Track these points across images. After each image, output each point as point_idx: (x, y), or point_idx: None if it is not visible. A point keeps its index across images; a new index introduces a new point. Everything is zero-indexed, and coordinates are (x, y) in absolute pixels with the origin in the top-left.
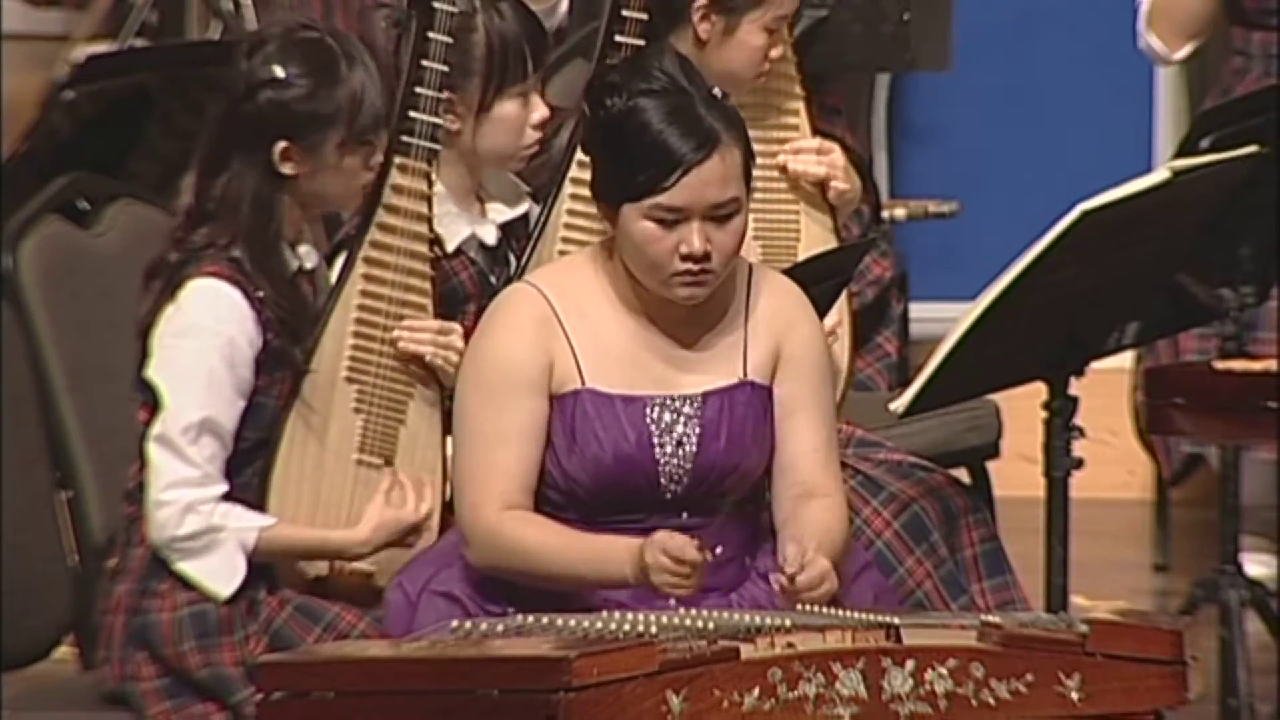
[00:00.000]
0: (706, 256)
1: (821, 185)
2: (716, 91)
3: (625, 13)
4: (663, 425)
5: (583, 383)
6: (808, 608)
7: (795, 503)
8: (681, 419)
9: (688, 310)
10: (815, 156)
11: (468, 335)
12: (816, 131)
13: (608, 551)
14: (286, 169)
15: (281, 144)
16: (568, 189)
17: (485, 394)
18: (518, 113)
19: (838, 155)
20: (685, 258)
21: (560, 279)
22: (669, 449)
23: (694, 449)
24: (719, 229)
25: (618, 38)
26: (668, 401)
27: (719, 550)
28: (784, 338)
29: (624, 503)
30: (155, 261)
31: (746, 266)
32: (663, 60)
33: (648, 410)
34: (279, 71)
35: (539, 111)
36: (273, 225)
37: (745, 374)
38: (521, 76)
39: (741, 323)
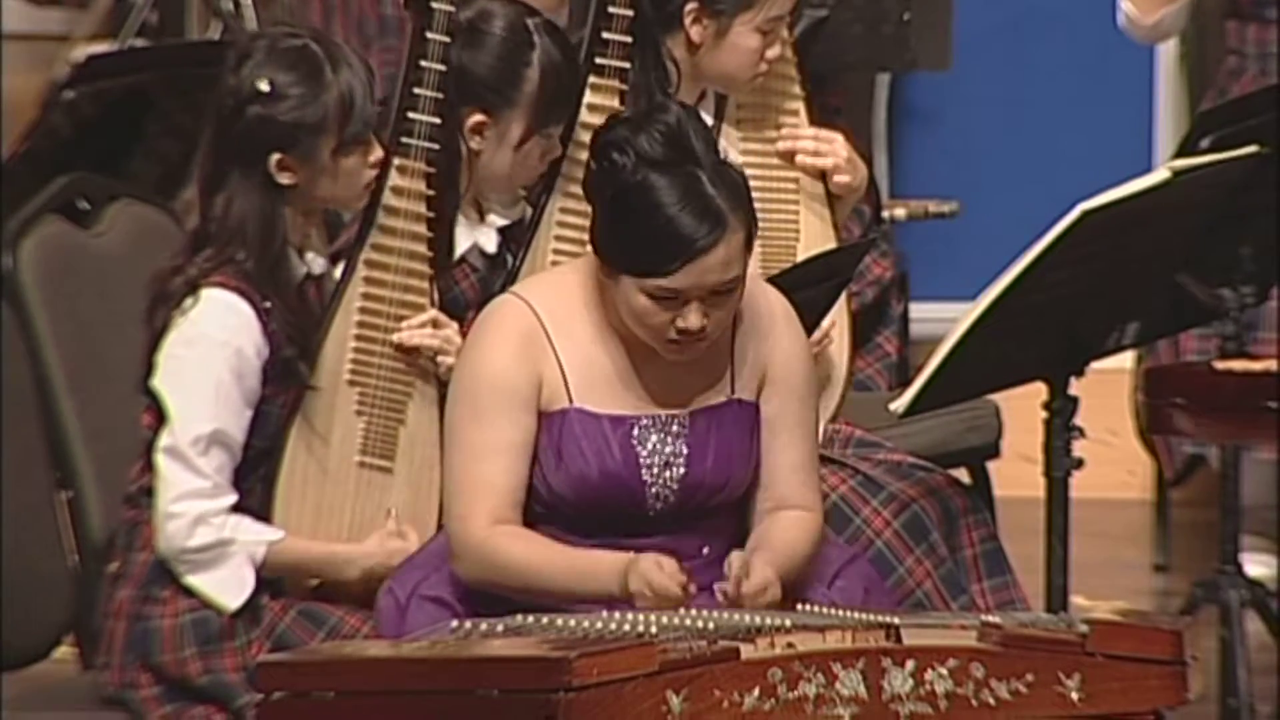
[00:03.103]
0: (702, 329)
1: (824, 176)
2: (724, 153)
3: (612, 10)
4: (650, 446)
5: (570, 401)
6: (807, 608)
7: (767, 515)
8: (669, 439)
9: None
10: (813, 144)
11: None
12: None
13: (593, 568)
14: (284, 179)
15: (276, 156)
16: (559, 188)
17: (474, 408)
18: (541, 151)
19: (840, 144)
20: (682, 331)
21: (548, 294)
22: (656, 470)
23: (682, 469)
24: (717, 305)
25: (605, 34)
26: (655, 421)
27: (705, 550)
28: (769, 354)
29: (609, 519)
30: (161, 289)
31: None
32: (669, 118)
33: (635, 431)
34: (264, 85)
35: (555, 152)
36: (278, 237)
37: (733, 391)
38: (559, 120)
39: (729, 340)
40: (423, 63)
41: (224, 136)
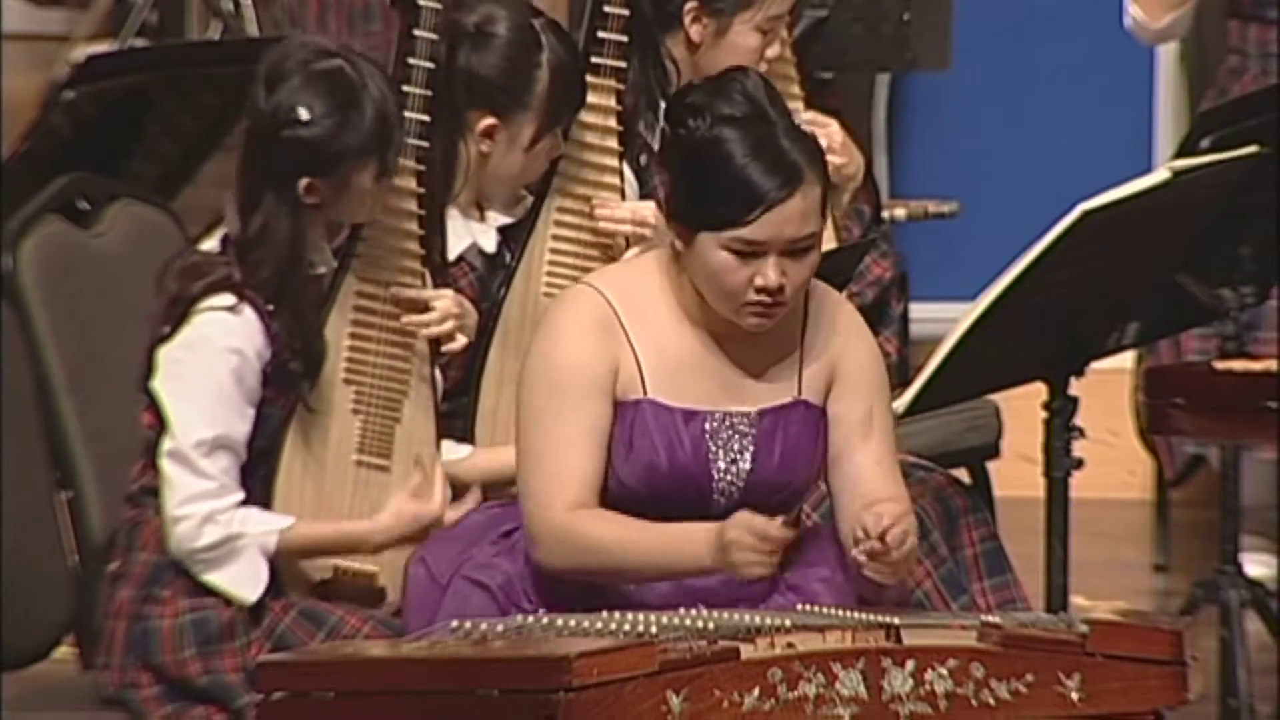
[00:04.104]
0: (780, 289)
1: None
2: (797, 119)
3: (607, 8)
4: (720, 440)
5: (645, 392)
6: (808, 607)
7: (862, 511)
8: (738, 436)
9: None
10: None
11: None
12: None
13: (684, 538)
14: (310, 199)
15: (306, 180)
16: (556, 185)
17: (552, 396)
18: (547, 149)
19: (835, 129)
20: (760, 290)
21: (624, 284)
22: (723, 465)
23: (748, 466)
24: (795, 262)
25: (600, 33)
26: (726, 417)
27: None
28: (839, 357)
29: (674, 513)
30: (178, 294)
31: None
32: (745, 82)
33: (707, 424)
34: (304, 114)
35: (558, 150)
36: (305, 256)
37: (800, 392)
38: (568, 118)
39: (798, 341)
40: (410, 60)
41: (259, 158)
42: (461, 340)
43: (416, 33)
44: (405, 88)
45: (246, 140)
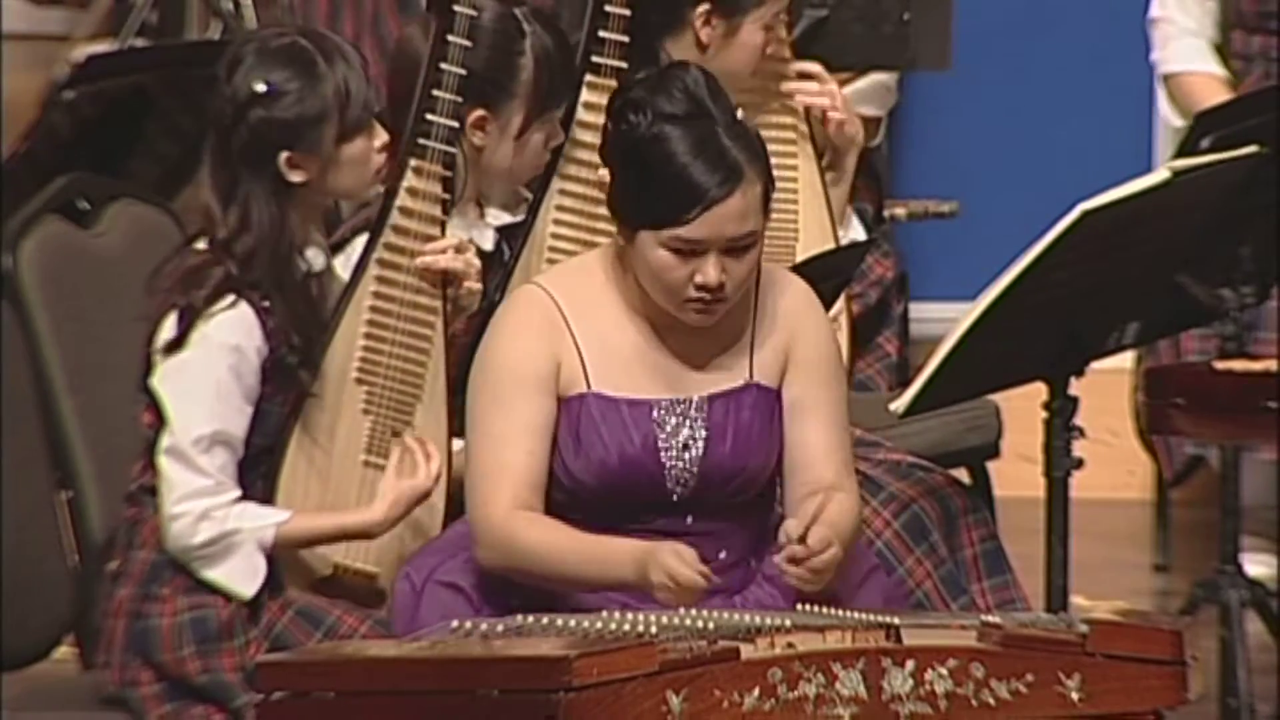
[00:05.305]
0: (721, 286)
1: (820, 159)
2: (739, 113)
3: (608, 8)
4: (669, 428)
5: (588, 386)
6: (808, 607)
7: (806, 499)
8: (688, 422)
9: None
10: (815, 85)
11: (466, 341)
12: (811, 130)
13: (611, 555)
14: (296, 177)
15: (284, 154)
16: (556, 185)
17: (494, 395)
18: (545, 136)
19: (834, 87)
20: (700, 287)
21: (569, 281)
22: (674, 452)
23: (700, 452)
24: (735, 260)
25: (601, 34)
26: (674, 405)
27: (723, 555)
28: (793, 338)
29: (629, 506)
30: (186, 304)
31: None
32: (686, 78)
33: (654, 413)
34: (260, 86)
35: (557, 138)
36: (286, 239)
37: (751, 375)
38: (558, 105)
39: (749, 323)
40: (443, 65)
41: (229, 145)
42: (475, 285)
43: (450, 38)
44: (435, 92)
45: (213, 134)
